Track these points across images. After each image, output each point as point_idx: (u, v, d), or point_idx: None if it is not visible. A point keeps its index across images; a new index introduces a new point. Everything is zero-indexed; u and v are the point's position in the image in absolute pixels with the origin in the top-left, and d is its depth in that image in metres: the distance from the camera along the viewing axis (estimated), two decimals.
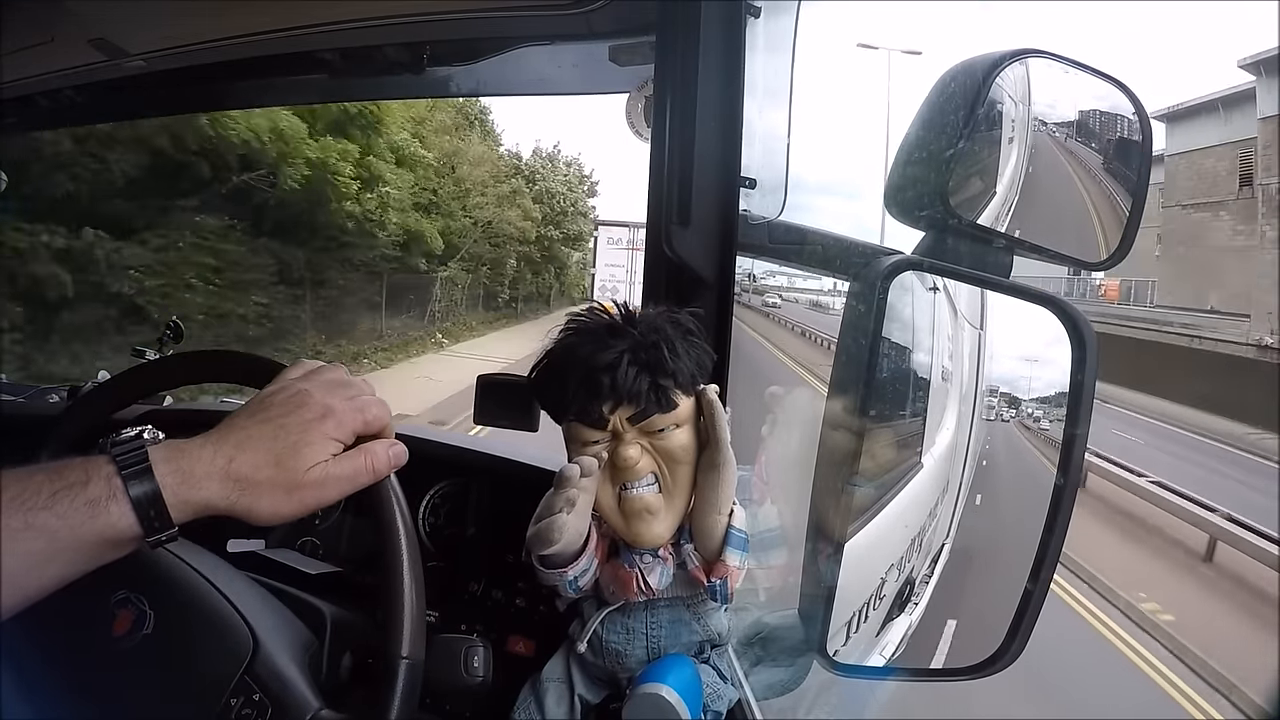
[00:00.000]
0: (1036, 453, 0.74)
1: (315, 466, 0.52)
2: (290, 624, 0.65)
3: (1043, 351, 0.71)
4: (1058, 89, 0.72)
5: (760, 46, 0.79)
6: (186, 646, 0.60)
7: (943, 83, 0.68)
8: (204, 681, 0.58)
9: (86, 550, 0.48)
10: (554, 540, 0.62)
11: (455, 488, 1.03)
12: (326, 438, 0.53)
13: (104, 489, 0.48)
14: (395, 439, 0.58)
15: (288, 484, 0.52)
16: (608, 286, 16.46)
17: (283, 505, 0.52)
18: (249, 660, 0.58)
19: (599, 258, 17.49)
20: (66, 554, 0.47)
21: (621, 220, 17.56)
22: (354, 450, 0.55)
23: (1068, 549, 0.68)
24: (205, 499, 0.50)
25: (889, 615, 0.83)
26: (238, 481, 0.50)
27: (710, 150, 0.77)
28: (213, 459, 0.50)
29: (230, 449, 0.51)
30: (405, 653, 0.56)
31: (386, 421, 0.57)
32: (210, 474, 0.50)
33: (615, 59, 0.98)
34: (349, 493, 0.55)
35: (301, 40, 1.09)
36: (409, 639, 0.56)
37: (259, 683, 0.57)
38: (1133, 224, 0.71)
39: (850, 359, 0.68)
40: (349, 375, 0.59)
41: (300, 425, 0.53)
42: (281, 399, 0.55)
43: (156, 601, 0.61)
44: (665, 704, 0.61)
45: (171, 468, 0.49)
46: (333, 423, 0.54)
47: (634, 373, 0.61)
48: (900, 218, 0.72)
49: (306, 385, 0.56)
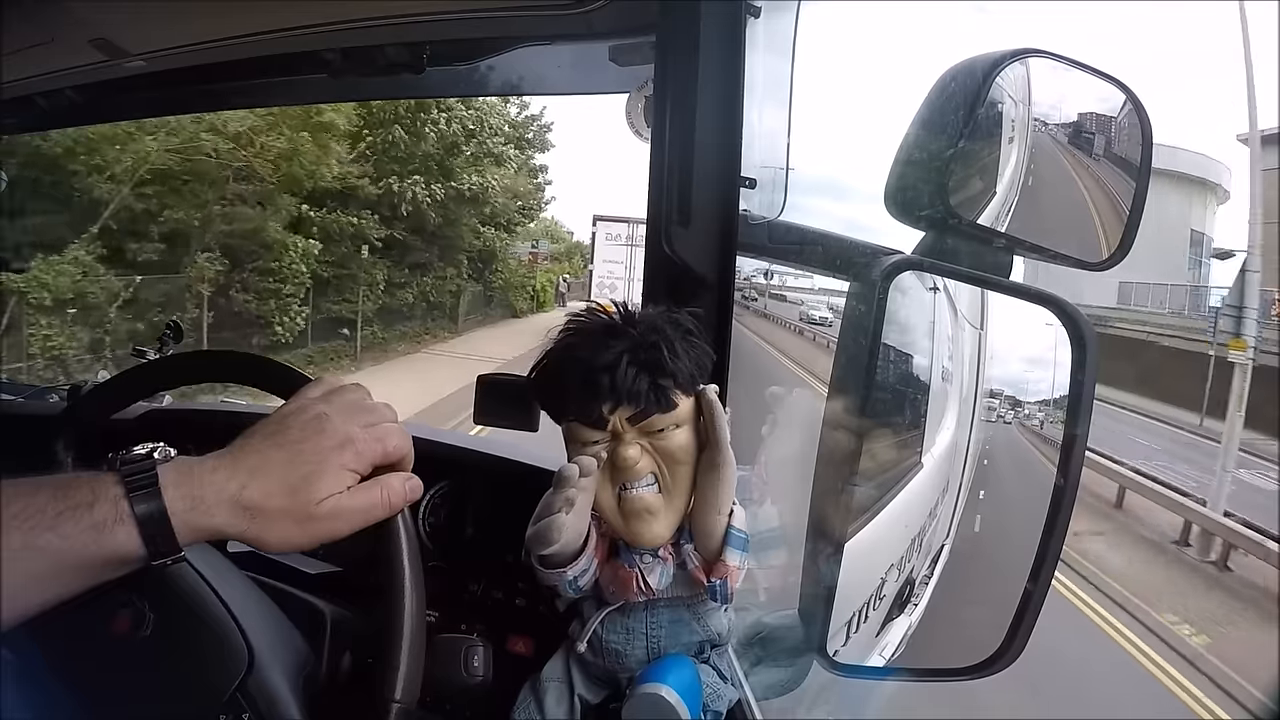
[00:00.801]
0: (1036, 453, 0.74)
1: (329, 499, 0.51)
2: (288, 638, 0.64)
3: (1045, 353, 0.71)
4: (1058, 89, 0.72)
5: (760, 46, 0.79)
6: (184, 651, 0.59)
7: (943, 82, 0.68)
8: (198, 690, 0.58)
9: (88, 571, 0.47)
10: (553, 540, 0.62)
11: (455, 488, 1.03)
12: (343, 469, 0.52)
13: (111, 511, 0.46)
14: (412, 473, 0.56)
15: (300, 515, 0.50)
16: (606, 284, 15.83)
17: (293, 536, 0.51)
18: (243, 677, 0.57)
19: (597, 254, 16.66)
20: (68, 574, 0.46)
21: (620, 215, 16.50)
22: (370, 483, 0.53)
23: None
24: (214, 525, 0.49)
25: (889, 615, 0.83)
26: (248, 509, 0.49)
27: (710, 150, 0.77)
28: (224, 485, 0.49)
29: (244, 475, 0.50)
30: (398, 696, 0.55)
31: (406, 452, 0.55)
32: (220, 501, 0.49)
33: (615, 59, 0.98)
34: (361, 526, 0.53)
35: (301, 40, 1.09)
36: (403, 683, 0.56)
37: (249, 701, 0.56)
38: (1133, 224, 0.71)
39: (850, 359, 0.68)
40: (370, 399, 0.57)
41: (317, 453, 0.51)
42: (300, 422, 0.53)
43: (156, 604, 0.61)
44: (665, 704, 0.61)
45: (182, 492, 0.48)
46: (351, 453, 0.52)
47: (633, 373, 0.61)
48: (900, 218, 0.72)
49: (326, 409, 0.54)
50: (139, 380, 0.81)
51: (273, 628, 0.64)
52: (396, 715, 0.55)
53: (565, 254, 29.09)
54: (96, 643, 0.59)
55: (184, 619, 0.60)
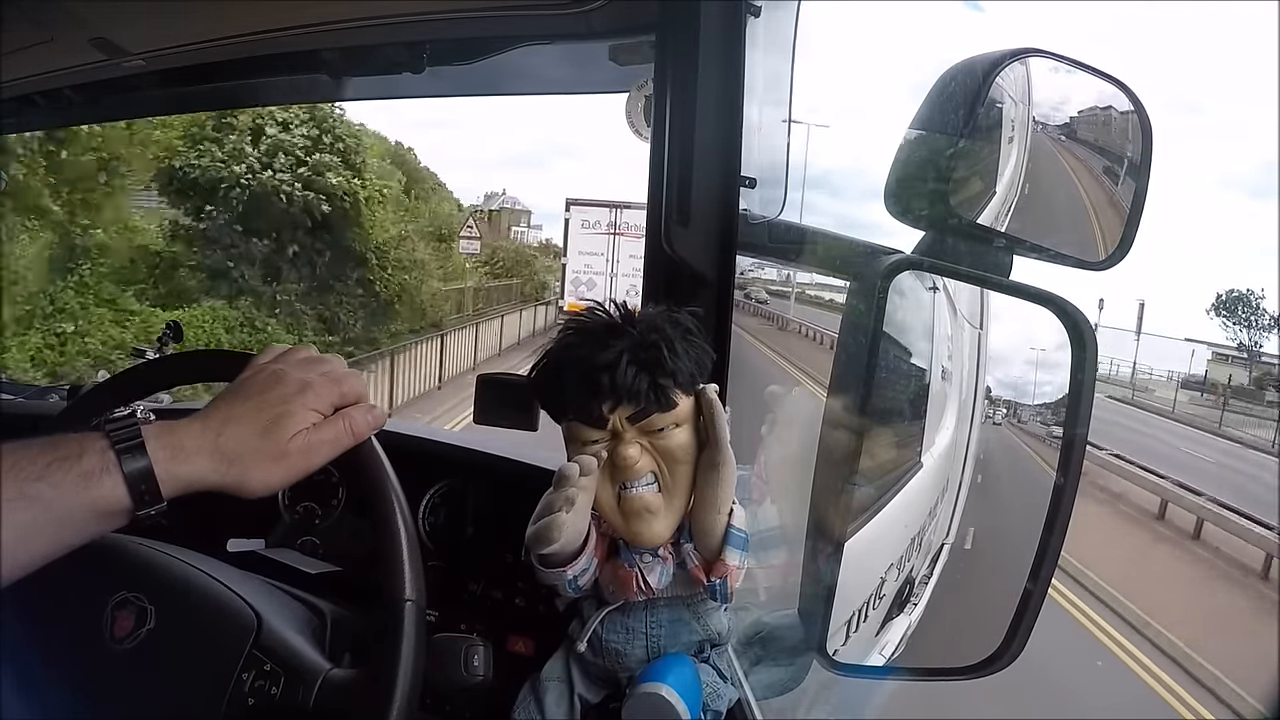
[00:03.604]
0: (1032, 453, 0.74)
1: (298, 435, 0.56)
2: (290, 604, 0.66)
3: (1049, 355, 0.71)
4: (1058, 89, 0.72)
5: (760, 46, 0.79)
6: (191, 633, 0.61)
7: (943, 82, 0.68)
8: (213, 662, 0.59)
9: (77, 522, 0.50)
10: (553, 539, 0.62)
11: (455, 488, 1.02)
12: (306, 408, 0.56)
13: (98, 462, 0.50)
14: (373, 405, 0.61)
15: (274, 453, 0.55)
16: (582, 279, 13.20)
17: (271, 475, 0.55)
18: (255, 635, 0.60)
19: (570, 244, 13.85)
20: (56, 525, 0.49)
21: (599, 199, 13.70)
22: (333, 417, 0.58)
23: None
24: (196, 473, 0.53)
25: (889, 615, 0.83)
26: (226, 455, 0.53)
27: (710, 150, 0.77)
28: (201, 435, 0.53)
29: (218, 425, 0.54)
30: (408, 594, 0.58)
31: (362, 391, 0.61)
32: (200, 449, 0.53)
33: (615, 59, 0.98)
34: (333, 456, 0.58)
35: (301, 40, 1.09)
36: (410, 580, 0.58)
37: (268, 653, 0.59)
38: (1133, 223, 0.71)
39: (850, 359, 0.68)
40: (319, 353, 0.63)
41: (281, 399, 0.56)
42: (261, 379, 0.58)
43: (156, 597, 0.61)
44: (665, 703, 0.61)
45: (163, 443, 0.52)
46: (311, 394, 0.57)
47: (633, 372, 0.61)
48: (900, 217, 0.72)
49: (282, 365, 0.59)
50: (138, 380, 0.81)
51: (273, 596, 0.66)
52: (412, 613, 0.57)
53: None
54: (102, 652, 0.59)
55: (184, 600, 0.62)
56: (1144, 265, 4.94)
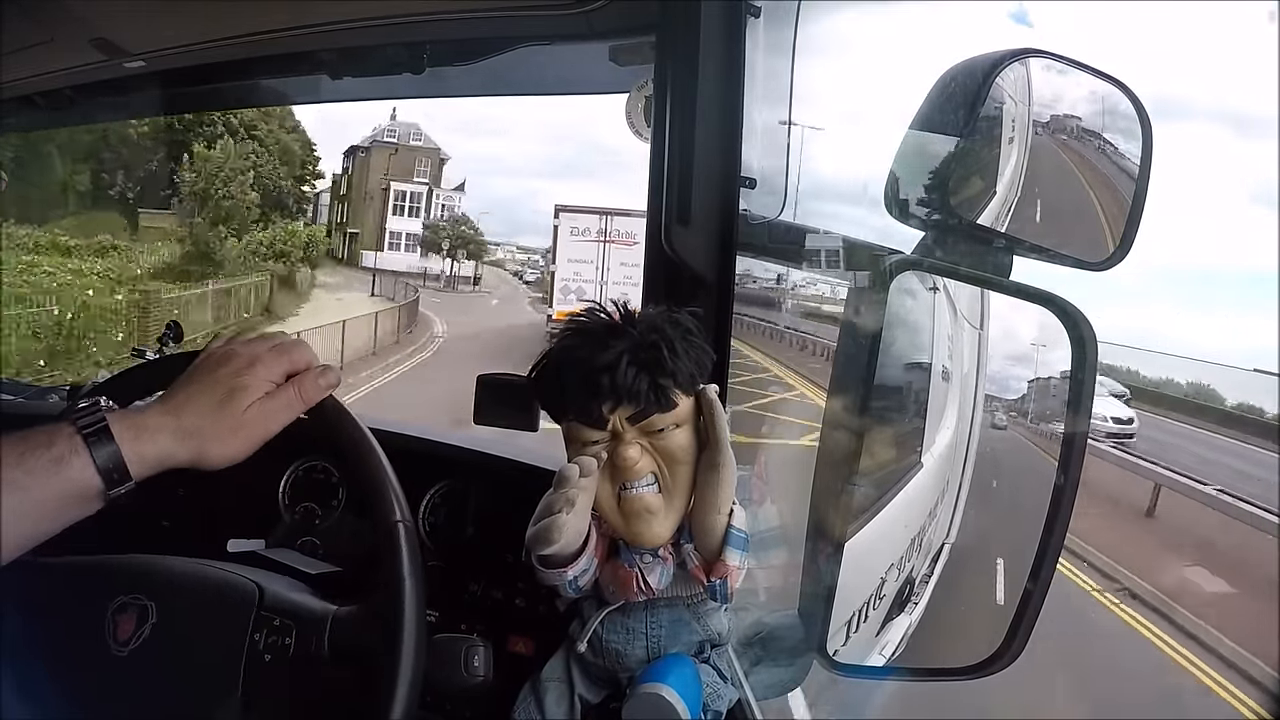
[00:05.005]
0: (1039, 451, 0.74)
1: (252, 405, 0.59)
2: (288, 578, 0.69)
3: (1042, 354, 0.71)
4: (1058, 88, 0.72)
5: (760, 46, 0.79)
6: (194, 616, 0.62)
7: (943, 82, 0.68)
8: (222, 632, 0.61)
9: (53, 506, 0.53)
10: (553, 540, 0.62)
11: (455, 488, 1.02)
12: (258, 379, 0.60)
13: (67, 446, 0.53)
14: (325, 368, 0.64)
15: (232, 425, 0.58)
16: (571, 287, 13.12)
17: (231, 445, 0.58)
18: (259, 599, 0.62)
19: (559, 252, 13.82)
20: (35, 510, 0.52)
21: (590, 206, 13.82)
22: (285, 384, 0.62)
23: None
24: (160, 451, 0.56)
25: (889, 615, 0.83)
26: (187, 431, 0.57)
27: (710, 150, 0.77)
28: (162, 415, 0.57)
29: (176, 405, 0.58)
30: (397, 516, 0.60)
31: (310, 358, 0.64)
32: (161, 428, 0.56)
33: (615, 59, 0.98)
34: (289, 420, 0.61)
35: (301, 40, 1.09)
36: (397, 504, 0.61)
37: (275, 611, 0.62)
38: (1133, 223, 0.71)
39: (850, 359, 0.68)
40: (265, 331, 0.68)
41: (232, 375, 0.60)
42: (211, 361, 0.62)
43: (155, 594, 0.62)
44: (665, 704, 0.61)
45: (126, 425, 0.55)
46: (261, 366, 0.61)
47: (633, 372, 0.61)
48: (900, 218, 0.72)
49: (230, 346, 0.63)
50: (138, 380, 0.81)
51: (272, 573, 0.68)
52: (404, 533, 0.59)
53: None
54: (106, 659, 0.60)
55: (183, 589, 0.63)
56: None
